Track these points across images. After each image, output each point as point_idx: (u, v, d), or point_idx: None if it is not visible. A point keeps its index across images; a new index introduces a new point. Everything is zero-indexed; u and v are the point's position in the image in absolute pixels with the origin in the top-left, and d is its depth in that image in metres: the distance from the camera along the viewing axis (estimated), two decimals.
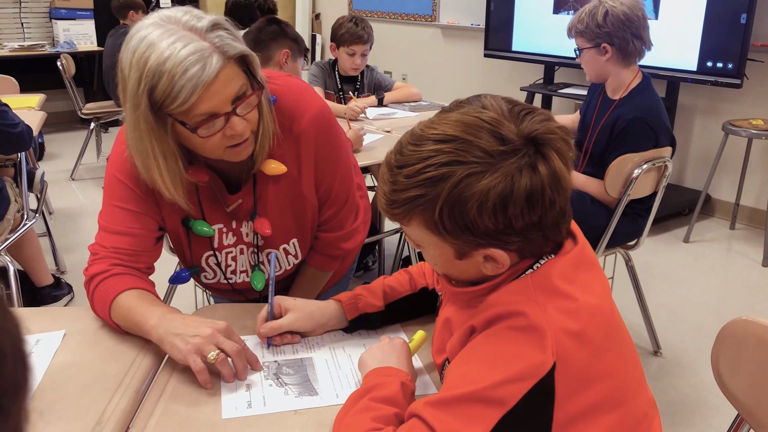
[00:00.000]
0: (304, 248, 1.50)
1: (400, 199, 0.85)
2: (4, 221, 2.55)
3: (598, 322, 0.87)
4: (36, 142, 5.07)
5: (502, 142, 0.81)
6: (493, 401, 0.81)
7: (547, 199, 0.82)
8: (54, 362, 1.15)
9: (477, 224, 0.82)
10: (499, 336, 0.85)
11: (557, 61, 4.54)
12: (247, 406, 1.04)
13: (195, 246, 1.41)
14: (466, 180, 0.80)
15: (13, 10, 6.01)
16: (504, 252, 0.86)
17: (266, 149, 1.31)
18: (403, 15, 6.04)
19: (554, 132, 0.84)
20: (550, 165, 0.82)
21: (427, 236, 0.88)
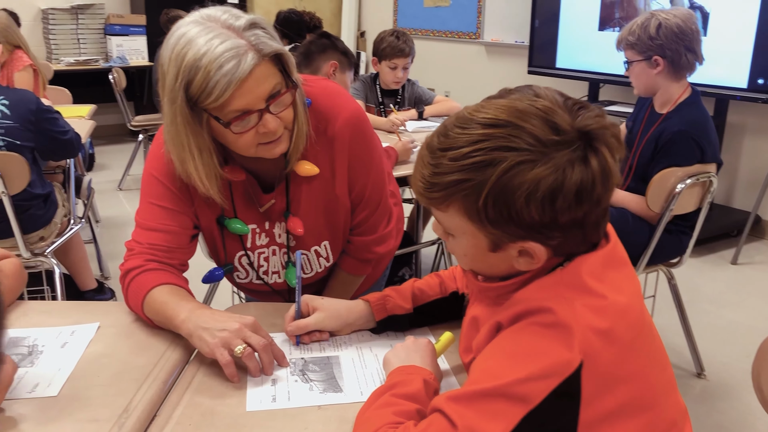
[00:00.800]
0: (335, 251, 1.50)
1: (442, 182, 0.82)
2: (51, 224, 2.62)
3: (628, 321, 0.85)
4: (86, 152, 5.22)
5: (556, 132, 0.79)
6: (517, 398, 0.79)
7: (595, 195, 0.80)
8: (87, 352, 1.17)
9: (522, 215, 0.79)
10: (525, 332, 0.83)
11: (602, 78, 4.49)
12: (271, 400, 1.04)
13: (229, 245, 1.43)
14: (516, 167, 0.78)
15: (71, 26, 6.23)
16: (542, 247, 0.84)
17: (300, 149, 1.32)
18: (447, 33, 6.06)
19: (607, 128, 0.82)
20: (602, 161, 0.81)
21: (464, 224, 0.85)
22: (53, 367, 1.12)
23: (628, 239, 2.31)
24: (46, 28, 6.16)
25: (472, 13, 5.77)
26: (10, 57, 3.47)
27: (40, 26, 6.24)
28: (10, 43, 3.42)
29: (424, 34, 6.29)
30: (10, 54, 3.45)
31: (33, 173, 2.42)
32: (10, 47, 3.43)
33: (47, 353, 1.17)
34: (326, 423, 0.99)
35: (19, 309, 1.33)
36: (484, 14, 5.66)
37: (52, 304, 1.36)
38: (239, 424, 0.98)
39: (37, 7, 6.19)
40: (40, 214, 2.54)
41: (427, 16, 6.25)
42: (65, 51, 6.22)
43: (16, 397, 1.04)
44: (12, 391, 1.04)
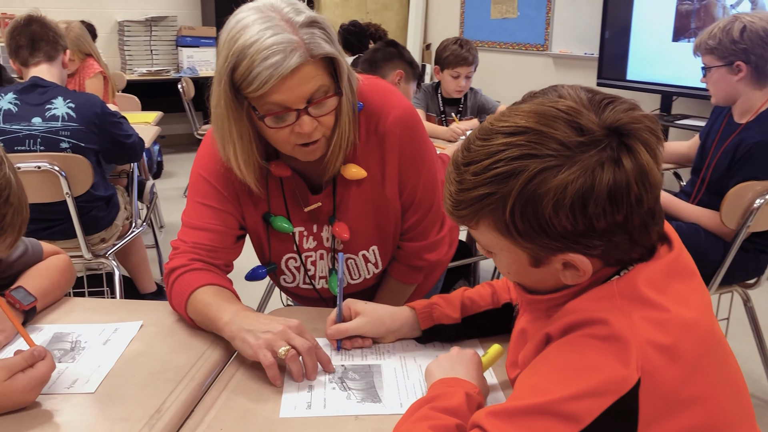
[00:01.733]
0: (384, 257, 1.45)
1: (467, 198, 0.78)
2: (113, 227, 2.66)
3: (694, 337, 0.76)
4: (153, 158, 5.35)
5: (581, 133, 0.73)
6: (566, 416, 0.71)
7: (633, 197, 0.73)
8: (127, 350, 1.16)
9: (553, 225, 0.73)
10: (577, 344, 0.76)
11: (676, 90, 4.31)
12: (306, 407, 0.99)
13: (275, 245, 1.40)
14: (540, 175, 0.72)
15: (145, 38, 6.42)
16: (585, 258, 0.77)
17: (339, 158, 1.28)
18: (514, 44, 5.97)
19: (640, 121, 0.75)
20: (637, 158, 0.73)
21: (498, 240, 0.79)
22: (93, 364, 1.11)
23: (701, 257, 2.19)
24: (122, 39, 6.37)
25: (540, 24, 5.66)
26: (82, 65, 3.58)
27: (116, 38, 6.46)
28: (81, 51, 3.53)
29: (491, 46, 6.21)
30: (81, 62, 3.57)
31: (96, 175, 2.47)
32: (82, 55, 3.54)
33: (89, 350, 1.16)
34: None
35: (66, 305, 1.33)
36: (553, 25, 5.54)
37: (98, 301, 1.36)
38: (271, 431, 0.94)
39: (114, 20, 6.41)
40: (102, 216, 2.59)
41: (493, 28, 6.17)
42: (138, 61, 6.42)
43: (54, 392, 1.03)
44: (51, 386, 1.03)
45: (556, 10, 5.48)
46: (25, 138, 2.36)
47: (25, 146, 2.36)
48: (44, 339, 1.19)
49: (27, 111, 2.37)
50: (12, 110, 2.37)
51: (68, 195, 2.40)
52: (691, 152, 2.54)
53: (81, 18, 4.39)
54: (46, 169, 2.35)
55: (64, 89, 2.46)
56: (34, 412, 0.98)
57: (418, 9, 6.92)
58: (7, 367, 0.96)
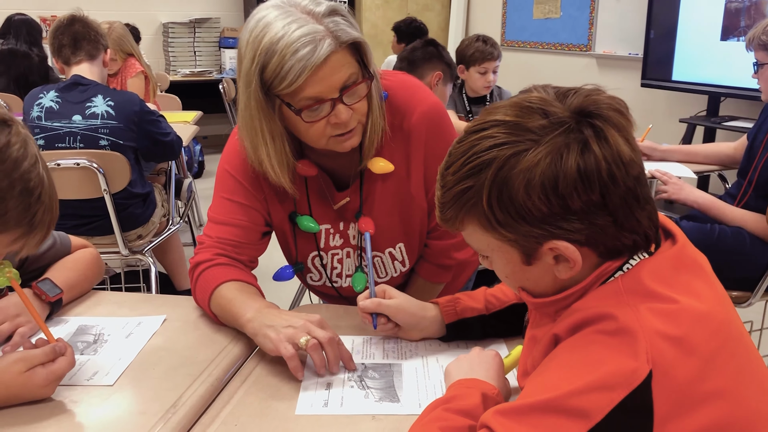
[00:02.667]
0: (411, 255, 1.42)
1: (449, 198, 0.79)
2: (149, 224, 2.70)
3: (707, 330, 0.73)
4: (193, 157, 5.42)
5: (545, 116, 0.75)
6: (575, 412, 0.68)
7: (604, 173, 0.72)
8: (148, 344, 1.16)
9: (529, 208, 0.73)
10: (585, 341, 0.73)
11: (723, 91, 4.17)
12: (323, 405, 0.97)
13: (301, 244, 1.38)
14: (509, 160, 0.74)
15: (188, 39, 6.52)
16: (570, 245, 0.75)
17: (374, 144, 1.26)
18: (556, 45, 5.87)
19: (603, 102, 0.75)
20: (604, 137, 0.73)
21: (486, 239, 0.79)
22: (114, 357, 1.11)
23: (746, 262, 2.12)
24: (166, 41, 6.48)
25: (583, 24, 5.56)
26: (124, 64, 3.64)
27: (160, 39, 6.58)
28: (124, 51, 3.59)
29: (533, 46, 6.12)
30: (123, 62, 3.63)
31: (134, 172, 2.50)
32: (124, 55, 3.61)
33: (111, 343, 1.16)
34: None
35: (92, 299, 1.34)
36: (596, 25, 5.43)
37: (125, 295, 1.37)
38: (286, 429, 0.92)
39: (159, 21, 6.53)
40: (139, 213, 2.62)
41: (536, 29, 6.08)
42: (182, 62, 6.52)
43: (75, 383, 1.03)
44: (71, 377, 1.04)
45: (599, 9, 5.38)
46: (66, 135, 2.40)
47: (65, 143, 2.40)
48: (69, 331, 1.20)
49: (68, 108, 2.41)
50: (54, 108, 2.42)
51: (106, 192, 2.44)
52: (738, 153, 2.45)
53: (126, 20, 4.48)
54: (84, 166, 2.39)
55: (104, 87, 2.50)
56: (52, 403, 0.98)
57: (459, 10, 6.87)
58: (27, 360, 0.96)
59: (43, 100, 2.43)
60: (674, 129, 4.51)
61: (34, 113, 2.42)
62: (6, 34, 4.22)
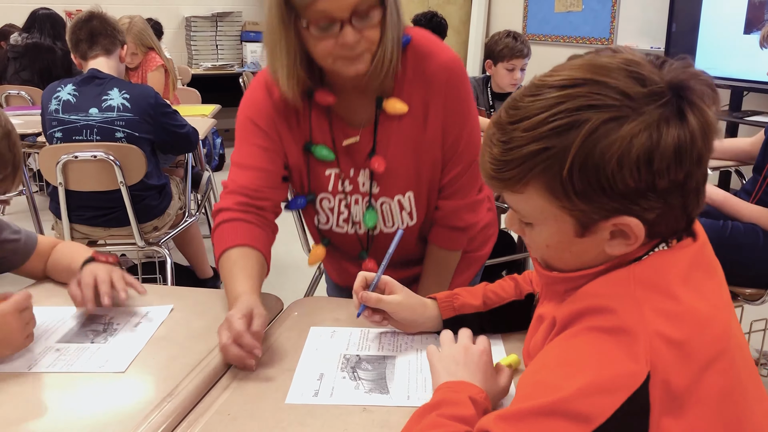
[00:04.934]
0: (420, 208, 1.42)
1: (517, 157, 0.71)
2: (165, 215, 2.73)
3: (709, 336, 0.72)
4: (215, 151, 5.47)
5: (643, 84, 0.69)
6: (577, 416, 0.67)
7: (695, 153, 0.70)
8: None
9: (615, 181, 0.68)
10: (582, 338, 0.72)
11: (746, 86, 4.11)
12: (313, 394, 0.99)
13: (314, 183, 1.41)
14: (603, 127, 0.68)
15: (210, 33, 6.58)
16: (640, 222, 0.72)
17: (381, 76, 1.28)
18: (578, 39, 5.82)
19: (699, 76, 0.72)
20: (700, 114, 0.70)
21: (546, 205, 0.73)
22: (123, 346, 1.14)
23: (759, 258, 2.10)
24: (188, 34, 6.54)
25: (605, 18, 5.50)
26: (144, 58, 3.69)
27: (183, 33, 6.64)
28: (144, 45, 3.63)
29: (555, 40, 6.08)
30: (144, 55, 3.67)
31: (150, 164, 2.54)
32: (145, 49, 3.65)
33: (121, 332, 1.19)
34: (368, 427, 0.92)
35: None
36: (618, 19, 5.37)
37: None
38: (277, 419, 0.94)
39: (182, 15, 6.59)
40: (155, 205, 2.66)
41: (558, 22, 6.03)
42: (204, 56, 6.57)
43: (86, 370, 1.06)
44: (84, 364, 1.08)
45: (621, 2, 5.32)
46: (83, 128, 2.45)
47: (82, 136, 2.45)
48: (79, 320, 1.23)
49: (85, 102, 2.46)
50: (71, 101, 2.46)
51: (122, 184, 2.48)
52: (754, 149, 2.42)
53: (149, 14, 4.53)
54: (101, 159, 2.43)
55: (120, 81, 2.54)
56: (59, 391, 1.01)
57: (481, 3, 6.84)
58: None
59: (60, 93, 2.48)
60: None
61: (52, 106, 2.47)
62: (30, 28, 4.30)
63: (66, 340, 1.16)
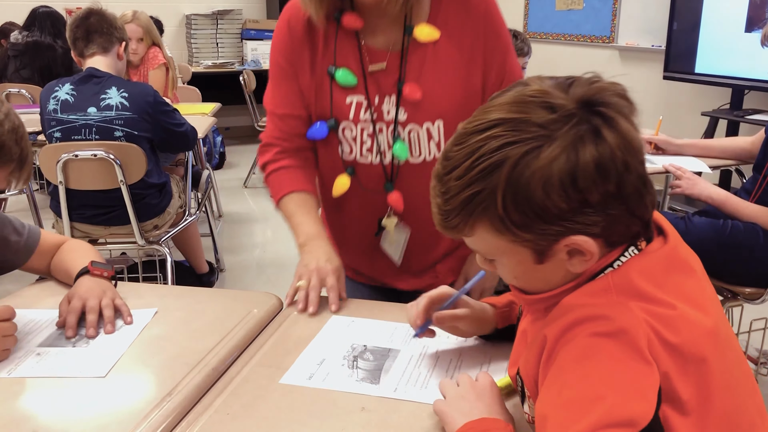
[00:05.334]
0: (448, 137, 1.39)
1: (456, 205, 0.75)
2: (165, 214, 2.74)
3: (698, 336, 0.73)
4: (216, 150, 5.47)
5: (554, 110, 0.72)
6: (626, 422, 0.67)
7: (619, 163, 0.71)
8: (146, 335, 1.18)
9: (548, 207, 0.71)
10: (588, 349, 0.71)
11: (747, 84, 4.11)
12: (307, 377, 1.03)
13: (336, 111, 1.38)
14: (522, 160, 0.70)
15: (210, 31, 6.58)
16: (588, 238, 0.73)
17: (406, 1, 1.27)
18: (579, 36, 5.81)
19: (606, 89, 0.73)
20: (614, 126, 0.71)
21: (497, 241, 0.76)
22: (106, 349, 1.13)
23: (758, 258, 2.10)
24: (189, 32, 6.54)
25: (606, 15, 5.49)
26: (147, 55, 3.69)
27: (183, 31, 6.64)
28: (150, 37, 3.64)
29: (555, 38, 6.07)
30: (147, 49, 3.67)
31: (150, 163, 2.54)
32: (149, 40, 3.65)
33: (102, 335, 1.18)
34: (367, 427, 0.92)
35: None
36: (619, 17, 5.37)
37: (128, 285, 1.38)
38: (276, 418, 0.94)
39: (182, 13, 6.59)
40: (155, 203, 2.66)
41: (558, 20, 6.03)
42: (205, 54, 6.57)
43: (67, 375, 1.05)
44: (64, 369, 1.07)
45: (622, 0, 5.31)
46: (81, 127, 2.45)
47: (81, 135, 2.45)
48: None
49: (83, 101, 2.46)
50: (69, 100, 2.46)
51: (122, 182, 2.48)
52: (755, 148, 2.42)
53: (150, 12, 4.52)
54: (102, 157, 2.44)
55: (118, 79, 2.54)
56: (44, 395, 1.01)
57: None
58: None
59: (59, 93, 2.48)
60: (697, 122, 4.45)
61: (51, 106, 2.47)
62: (31, 26, 4.30)
63: (47, 343, 1.15)
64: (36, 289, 1.37)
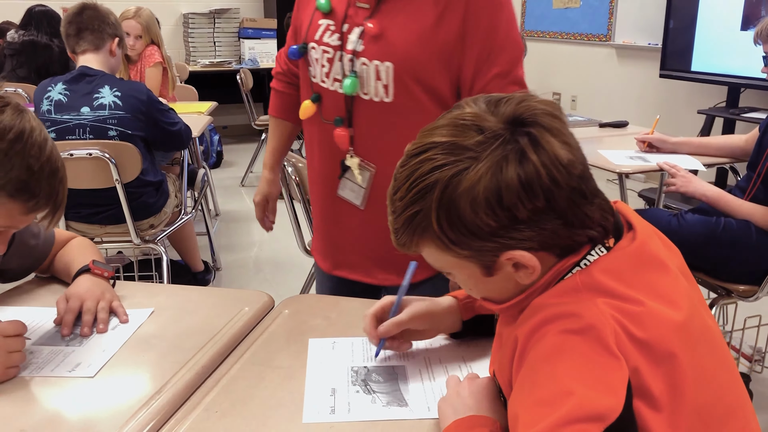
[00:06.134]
0: (398, 88, 1.36)
1: (402, 224, 0.79)
2: (161, 213, 2.73)
3: (669, 337, 0.73)
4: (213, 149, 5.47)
5: (481, 131, 0.75)
6: (594, 417, 0.67)
7: (545, 179, 0.72)
8: (139, 332, 1.19)
9: (478, 225, 0.74)
10: (558, 346, 0.72)
11: (743, 82, 4.11)
12: (330, 412, 0.96)
13: (311, 32, 1.44)
14: (452, 181, 0.74)
15: (208, 30, 6.57)
16: (527, 252, 0.75)
17: None
18: (576, 35, 5.82)
19: (535, 108, 0.75)
20: (540, 144, 0.73)
21: (444, 257, 0.80)
22: (98, 349, 1.13)
23: (752, 255, 2.10)
24: (186, 31, 6.53)
25: (603, 14, 5.50)
26: (144, 53, 3.68)
27: (181, 30, 6.63)
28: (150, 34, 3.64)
29: (552, 36, 6.07)
30: (145, 47, 3.66)
31: (146, 161, 2.54)
32: (149, 38, 3.65)
33: (96, 334, 1.18)
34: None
35: None
36: (616, 15, 5.37)
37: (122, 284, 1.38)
38: (266, 416, 0.94)
39: (180, 12, 6.58)
40: (152, 203, 2.66)
41: (555, 18, 6.03)
42: (202, 53, 6.57)
43: (57, 375, 1.06)
44: (54, 368, 1.07)
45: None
46: (75, 127, 2.44)
47: (75, 135, 2.45)
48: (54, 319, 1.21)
49: (76, 100, 2.45)
50: (62, 100, 2.46)
51: (117, 182, 2.48)
52: (749, 146, 2.42)
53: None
54: (97, 156, 2.43)
55: (111, 77, 2.53)
56: (32, 395, 1.01)
57: None
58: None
59: (51, 93, 2.47)
60: (693, 120, 4.46)
61: (44, 107, 2.46)
62: (27, 25, 4.28)
63: (41, 342, 1.15)
64: (31, 286, 1.37)
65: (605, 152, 2.66)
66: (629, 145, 2.75)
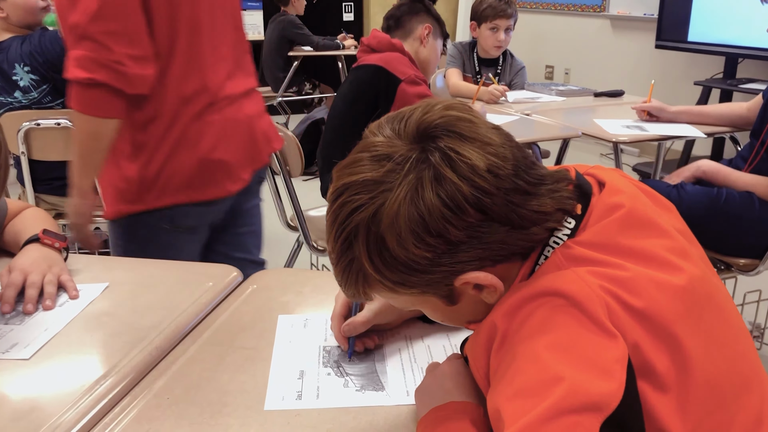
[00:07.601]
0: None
1: (341, 276, 0.71)
2: None
3: (669, 303, 0.63)
4: None
5: (389, 158, 0.65)
6: (589, 406, 0.57)
7: (468, 192, 0.62)
8: (89, 309, 1.07)
9: (413, 260, 0.65)
10: (538, 324, 0.62)
11: (741, 52, 4.00)
12: (296, 397, 0.85)
13: None
14: (372, 220, 0.64)
15: None
16: (481, 272, 0.66)
17: None
18: (570, 6, 5.67)
19: (439, 116, 0.66)
20: (452, 157, 0.63)
21: (398, 298, 0.72)
22: (40, 328, 1.02)
23: (754, 228, 2.00)
24: None
25: None
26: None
27: None
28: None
29: (546, 7, 5.93)
30: None
31: None
32: None
33: (40, 311, 1.06)
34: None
35: None
36: None
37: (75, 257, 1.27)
38: (221, 403, 0.84)
39: None
40: None
41: None
42: None
43: None
44: None
45: None
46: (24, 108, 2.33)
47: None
48: None
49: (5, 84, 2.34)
50: None
51: None
52: (751, 114, 2.32)
53: None
54: (66, 126, 2.31)
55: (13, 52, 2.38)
56: None
57: None
58: None
59: None
60: (689, 92, 4.35)
61: None
62: None
63: None
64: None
65: (600, 121, 2.55)
66: (625, 115, 2.64)
